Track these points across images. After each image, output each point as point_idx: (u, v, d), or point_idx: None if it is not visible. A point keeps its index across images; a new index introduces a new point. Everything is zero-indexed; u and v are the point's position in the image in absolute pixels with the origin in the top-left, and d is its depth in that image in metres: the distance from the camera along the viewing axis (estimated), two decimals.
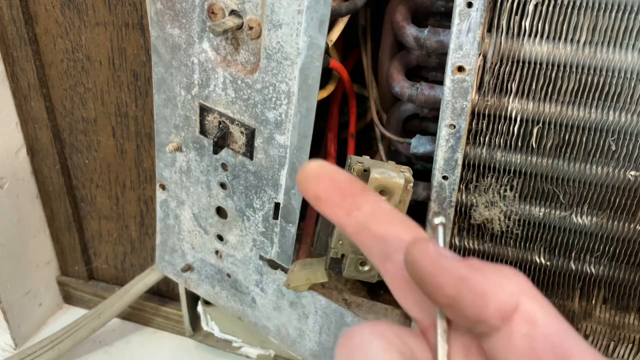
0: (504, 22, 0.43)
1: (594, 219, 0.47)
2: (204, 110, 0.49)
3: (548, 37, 0.42)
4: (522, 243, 0.50)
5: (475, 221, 0.50)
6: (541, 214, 0.48)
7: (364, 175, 0.43)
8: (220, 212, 0.55)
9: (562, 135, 0.45)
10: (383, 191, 0.42)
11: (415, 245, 0.23)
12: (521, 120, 0.45)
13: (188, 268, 0.61)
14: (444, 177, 0.47)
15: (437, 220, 0.26)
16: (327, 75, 0.56)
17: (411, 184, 0.43)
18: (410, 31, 0.48)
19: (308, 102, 0.44)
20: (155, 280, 0.74)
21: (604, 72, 0.42)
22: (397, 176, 0.42)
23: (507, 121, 0.46)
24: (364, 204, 0.25)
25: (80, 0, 0.63)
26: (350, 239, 0.26)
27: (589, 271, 0.49)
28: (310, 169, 0.25)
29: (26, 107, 0.73)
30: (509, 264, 0.51)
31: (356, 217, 0.25)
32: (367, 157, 0.46)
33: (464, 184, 0.49)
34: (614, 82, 0.42)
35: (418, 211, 0.50)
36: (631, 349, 0.51)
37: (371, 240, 0.25)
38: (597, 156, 0.45)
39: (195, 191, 0.55)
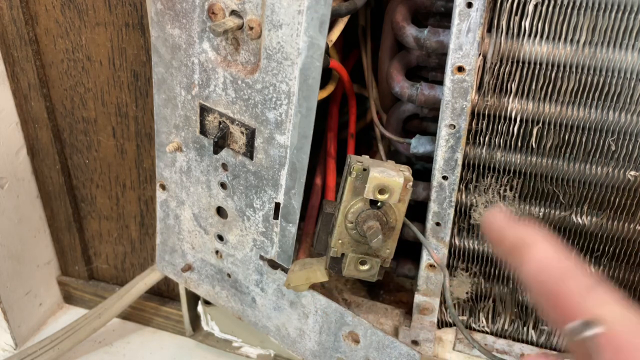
0: (503, 22, 0.43)
1: (594, 219, 0.47)
2: (204, 110, 0.49)
3: (548, 37, 0.43)
4: None
5: (475, 221, 0.50)
6: (541, 214, 0.48)
7: (364, 174, 0.43)
8: (221, 212, 0.55)
9: (562, 135, 0.45)
10: (382, 190, 0.42)
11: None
12: (521, 121, 0.45)
13: (188, 268, 0.61)
14: (444, 177, 0.47)
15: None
16: (327, 75, 0.56)
17: (410, 183, 0.43)
18: (410, 31, 0.48)
19: (308, 102, 0.44)
20: (155, 280, 0.74)
21: (604, 72, 0.42)
22: (397, 175, 0.42)
23: (507, 121, 0.46)
24: None
25: (80, 1, 0.63)
26: None
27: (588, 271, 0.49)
28: None
29: (26, 107, 0.73)
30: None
31: None
32: (367, 157, 0.46)
33: (464, 184, 0.49)
34: (614, 82, 0.42)
35: (418, 211, 0.51)
36: None
37: None
38: (597, 156, 0.45)
39: (195, 191, 0.55)
